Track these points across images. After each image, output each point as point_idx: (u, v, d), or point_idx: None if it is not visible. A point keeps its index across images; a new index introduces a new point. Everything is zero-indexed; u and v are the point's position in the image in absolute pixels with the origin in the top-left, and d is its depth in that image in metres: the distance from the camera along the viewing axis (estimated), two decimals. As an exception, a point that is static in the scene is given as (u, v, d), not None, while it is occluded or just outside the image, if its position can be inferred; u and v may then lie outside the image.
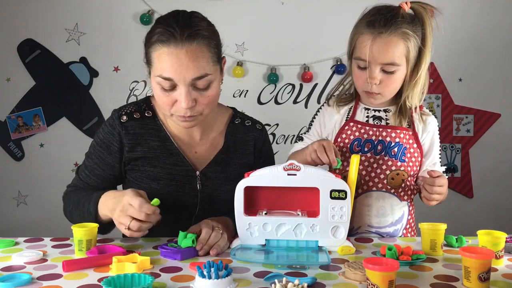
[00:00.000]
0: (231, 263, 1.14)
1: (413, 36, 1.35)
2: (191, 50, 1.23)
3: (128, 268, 1.06)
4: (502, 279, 1.06)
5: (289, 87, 2.81)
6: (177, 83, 1.25)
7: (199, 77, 1.25)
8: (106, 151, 1.40)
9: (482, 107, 2.81)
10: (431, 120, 1.48)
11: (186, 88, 1.24)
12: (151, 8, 2.74)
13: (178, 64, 1.22)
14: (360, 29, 1.38)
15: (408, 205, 1.49)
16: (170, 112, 1.30)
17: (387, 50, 1.34)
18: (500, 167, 2.85)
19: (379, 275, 0.91)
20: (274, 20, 2.72)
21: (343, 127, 1.48)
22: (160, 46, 1.24)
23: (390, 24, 1.33)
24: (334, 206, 1.21)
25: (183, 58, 1.22)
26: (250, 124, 1.51)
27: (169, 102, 1.28)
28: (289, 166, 1.22)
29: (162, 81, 1.25)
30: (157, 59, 1.25)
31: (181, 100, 1.25)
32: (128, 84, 2.80)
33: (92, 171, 1.42)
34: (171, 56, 1.23)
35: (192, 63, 1.23)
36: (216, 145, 1.45)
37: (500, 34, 2.77)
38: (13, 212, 2.84)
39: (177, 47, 1.22)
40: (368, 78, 1.37)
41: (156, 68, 1.26)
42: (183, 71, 1.23)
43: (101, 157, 1.41)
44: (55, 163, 2.82)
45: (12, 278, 1.02)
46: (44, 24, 2.76)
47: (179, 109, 1.27)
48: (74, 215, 1.41)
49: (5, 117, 2.80)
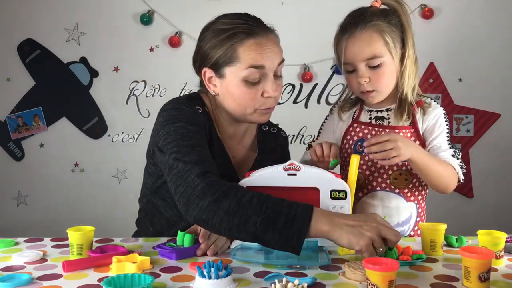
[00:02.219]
0: (231, 263, 1.14)
1: (386, 26, 1.36)
2: (272, 37, 1.33)
3: (128, 268, 1.06)
4: (502, 279, 1.06)
5: (289, 87, 2.81)
6: (267, 71, 1.29)
7: (281, 62, 1.33)
8: (198, 127, 1.28)
9: (482, 107, 2.81)
10: (432, 109, 1.44)
11: (272, 75, 1.31)
12: (151, 8, 2.74)
13: (268, 50, 1.29)
14: (337, 36, 1.44)
15: (417, 206, 1.46)
16: (254, 108, 1.32)
17: (363, 46, 1.36)
18: (500, 167, 2.85)
19: (379, 275, 0.91)
20: (274, 20, 2.71)
21: (348, 129, 1.50)
22: (247, 38, 1.28)
23: (358, 21, 1.37)
24: (334, 206, 1.21)
25: (270, 45, 1.30)
26: (276, 131, 1.56)
27: (255, 97, 1.31)
28: (289, 166, 1.22)
29: (253, 73, 1.28)
30: (245, 52, 1.28)
31: (268, 89, 1.30)
32: (128, 84, 2.81)
33: (200, 145, 1.24)
34: (261, 45, 1.29)
35: (277, 48, 1.32)
36: (251, 151, 1.47)
37: (500, 34, 2.77)
38: (13, 212, 2.85)
39: (262, 37, 1.30)
40: (357, 79, 1.39)
41: (245, 60, 1.28)
42: (273, 56, 1.30)
43: (197, 133, 1.27)
44: (55, 163, 2.82)
45: (12, 278, 1.01)
46: (44, 24, 2.76)
47: (266, 101, 1.32)
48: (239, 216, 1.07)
49: (5, 117, 2.80)
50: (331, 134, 1.54)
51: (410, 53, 1.40)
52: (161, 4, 2.74)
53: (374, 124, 1.46)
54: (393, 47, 1.38)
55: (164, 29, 2.74)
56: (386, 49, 1.37)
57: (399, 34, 1.39)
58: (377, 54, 1.36)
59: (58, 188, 2.83)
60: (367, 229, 1.04)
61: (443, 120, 1.44)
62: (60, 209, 2.82)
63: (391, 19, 1.39)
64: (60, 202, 2.83)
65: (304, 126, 2.80)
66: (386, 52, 1.37)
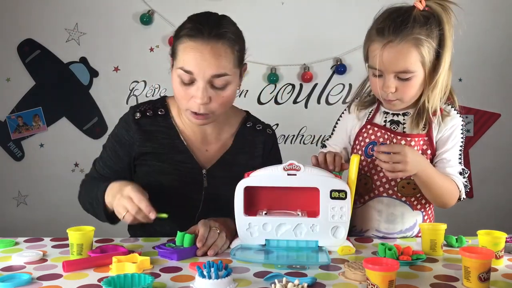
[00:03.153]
0: (231, 263, 1.14)
1: (426, 40, 1.28)
2: (216, 48, 1.28)
3: (128, 268, 1.06)
4: (502, 279, 1.06)
5: (289, 87, 2.81)
6: (196, 78, 1.29)
7: (218, 75, 1.29)
8: (118, 144, 1.45)
9: (482, 107, 2.81)
10: (451, 118, 1.39)
11: (204, 84, 1.29)
12: (151, 8, 2.74)
13: (201, 58, 1.27)
14: (371, 36, 1.34)
15: (423, 214, 1.43)
16: (185, 107, 1.34)
17: (398, 59, 1.29)
18: (500, 167, 2.85)
19: (379, 275, 0.91)
20: (274, 20, 2.72)
21: (361, 129, 1.45)
22: (187, 40, 1.29)
23: (400, 31, 1.27)
24: (334, 206, 1.21)
25: (207, 54, 1.27)
26: (261, 128, 1.55)
27: (185, 97, 1.32)
28: (289, 166, 1.22)
29: (182, 74, 1.30)
30: (182, 52, 1.30)
31: (197, 95, 1.29)
32: (128, 84, 2.80)
33: (105, 162, 1.47)
34: (196, 51, 1.28)
35: (215, 60, 1.28)
36: (226, 145, 1.48)
37: (500, 34, 2.77)
38: (13, 212, 2.85)
39: (203, 43, 1.28)
40: (383, 87, 1.33)
41: (179, 60, 1.31)
42: (204, 66, 1.28)
43: (113, 150, 1.46)
44: (55, 163, 2.82)
45: (12, 278, 1.02)
46: (44, 24, 2.76)
47: (194, 105, 1.32)
48: (85, 202, 1.45)
49: (5, 117, 2.80)
50: (344, 133, 1.50)
51: (446, 66, 1.32)
52: (161, 4, 2.74)
53: (388, 128, 1.41)
54: (428, 62, 1.30)
55: (164, 29, 2.74)
56: (420, 63, 1.30)
57: (436, 46, 1.30)
58: (410, 69, 1.29)
59: (58, 188, 2.83)
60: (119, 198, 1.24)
61: (459, 133, 1.39)
62: (60, 209, 2.82)
63: (432, 30, 1.29)
64: (60, 202, 2.82)
65: (304, 126, 2.80)
66: (419, 66, 1.30)
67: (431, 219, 1.47)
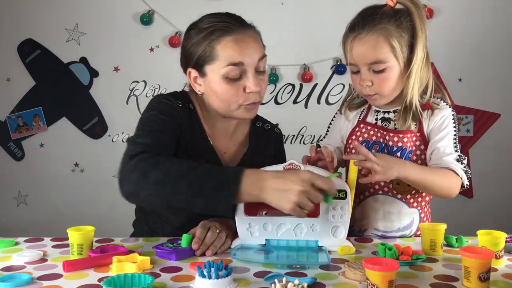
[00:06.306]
0: (231, 263, 1.14)
1: (395, 30, 1.31)
2: (250, 34, 1.33)
3: (128, 268, 1.06)
4: (502, 279, 1.06)
5: (289, 87, 2.81)
6: (247, 67, 1.30)
7: (261, 57, 1.33)
8: (169, 117, 1.33)
9: (482, 107, 2.81)
10: (440, 110, 1.39)
11: (253, 71, 1.31)
12: (151, 8, 2.74)
13: (246, 46, 1.30)
14: (345, 34, 1.39)
15: (420, 212, 1.44)
16: (238, 103, 1.33)
17: (368, 50, 1.32)
18: (500, 167, 2.85)
19: (379, 275, 0.91)
20: (274, 20, 2.72)
21: (354, 129, 1.47)
22: (225, 35, 1.29)
23: (367, 23, 1.32)
24: (334, 206, 1.21)
25: (249, 41, 1.31)
26: (270, 127, 1.56)
27: (237, 93, 1.31)
28: (289, 166, 1.22)
29: (231, 70, 1.29)
30: (223, 49, 1.29)
31: (249, 85, 1.30)
32: (128, 84, 2.81)
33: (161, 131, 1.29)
34: (238, 41, 1.29)
35: (255, 44, 1.32)
36: (242, 147, 1.48)
37: (500, 34, 2.77)
38: (13, 212, 2.85)
39: (239, 33, 1.30)
40: (360, 81, 1.37)
41: (223, 58, 1.29)
42: (251, 53, 1.30)
43: (165, 121, 1.31)
44: (55, 163, 2.83)
45: (12, 278, 1.01)
46: (44, 24, 2.76)
47: (249, 96, 1.32)
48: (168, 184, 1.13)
49: (5, 117, 2.81)
50: (338, 133, 1.52)
51: (418, 58, 1.33)
52: (161, 4, 2.74)
53: (380, 126, 1.43)
54: (400, 53, 1.32)
55: (164, 29, 2.74)
56: (392, 54, 1.32)
57: (409, 39, 1.33)
58: (381, 59, 1.32)
59: (58, 188, 2.83)
60: (293, 193, 1.09)
61: (451, 122, 1.39)
62: (60, 209, 2.82)
63: (402, 21, 1.32)
64: (60, 202, 2.83)
65: (304, 126, 2.80)
66: (392, 57, 1.32)
67: (428, 216, 1.48)
